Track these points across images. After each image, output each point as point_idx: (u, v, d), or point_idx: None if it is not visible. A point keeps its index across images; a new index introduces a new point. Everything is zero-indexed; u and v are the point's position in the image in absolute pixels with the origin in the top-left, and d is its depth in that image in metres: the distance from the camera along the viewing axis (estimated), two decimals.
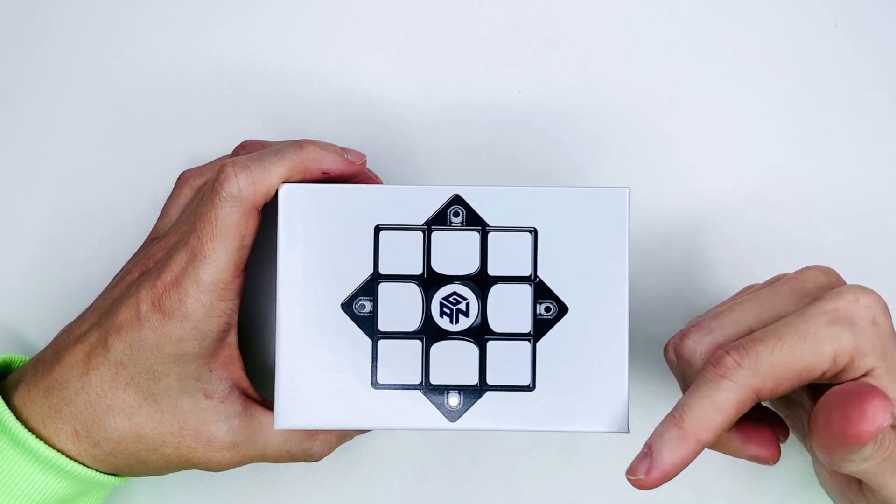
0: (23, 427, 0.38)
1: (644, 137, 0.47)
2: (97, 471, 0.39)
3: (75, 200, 0.46)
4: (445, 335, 0.37)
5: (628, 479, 0.34)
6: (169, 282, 0.37)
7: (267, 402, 0.41)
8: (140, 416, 0.38)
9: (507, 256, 0.37)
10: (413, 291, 0.37)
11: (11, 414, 0.38)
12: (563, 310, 0.37)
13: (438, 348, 0.37)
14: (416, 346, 0.37)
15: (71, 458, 0.38)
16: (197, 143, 0.46)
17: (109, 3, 0.47)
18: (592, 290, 0.37)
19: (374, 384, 0.37)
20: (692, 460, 0.34)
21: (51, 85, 0.47)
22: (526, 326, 0.37)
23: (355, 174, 0.39)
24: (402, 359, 0.37)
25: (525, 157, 0.47)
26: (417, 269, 0.37)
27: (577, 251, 0.37)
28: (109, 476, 0.40)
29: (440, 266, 0.37)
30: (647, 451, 0.34)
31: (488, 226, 0.37)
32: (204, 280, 0.37)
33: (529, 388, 0.37)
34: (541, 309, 0.37)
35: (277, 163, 0.37)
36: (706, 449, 0.35)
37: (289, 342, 0.37)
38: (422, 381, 0.37)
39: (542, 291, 0.37)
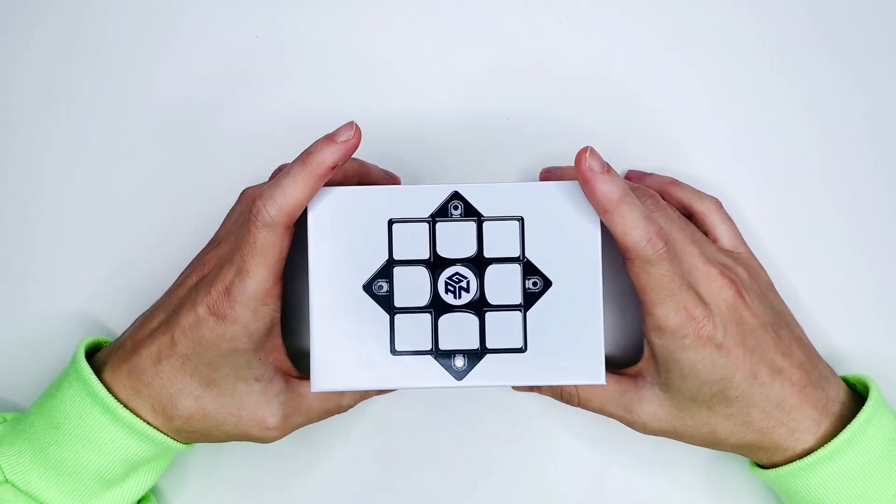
0: (114, 399, 0.41)
1: (641, 138, 0.47)
2: (172, 438, 0.42)
3: (152, 215, 0.49)
4: (450, 308, 0.39)
5: None
6: (221, 291, 0.39)
7: (304, 376, 0.43)
8: (205, 398, 0.41)
9: (500, 241, 0.39)
10: (422, 273, 0.39)
11: (104, 387, 0.41)
12: (547, 284, 0.39)
13: (445, 320, 0.39)
14: (426, 318, 0.39)
15: (154, 427, 0.42)
16: (250, 166, 0.48)
17: (172, 28, 0.49)
18: (571, 266, 0.39)
19: (393, 351, 0.39)
20: None
21: (148, 130, 0.48)
22: (517, 299, 0.39)
23: (357, 146, 0.38)
24: (415, 329, 0.39)
25: (523, 157, 0.47)
26: (425, 255, 0.39)
27: (557, 235, 0.39)
28: (181, 444, 0.43)
29: (444, 251, 0.39)
30: None
31: (483, 216, 0.39)
32: (249, 291, 0.39)
33: (522, 350, 0.39)
34: (529, 284, 0.39)
35: (293, 185, 0.38)
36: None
37: (320, 319, 0.39)
38: (432, 348, 0.39)
39: (529, 269, 0.39)
